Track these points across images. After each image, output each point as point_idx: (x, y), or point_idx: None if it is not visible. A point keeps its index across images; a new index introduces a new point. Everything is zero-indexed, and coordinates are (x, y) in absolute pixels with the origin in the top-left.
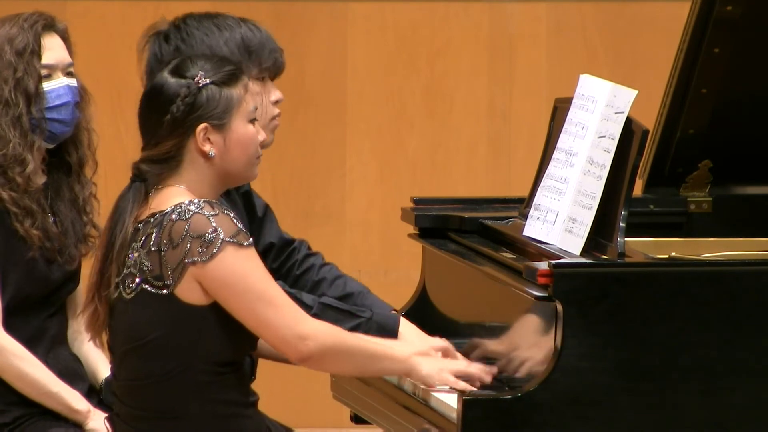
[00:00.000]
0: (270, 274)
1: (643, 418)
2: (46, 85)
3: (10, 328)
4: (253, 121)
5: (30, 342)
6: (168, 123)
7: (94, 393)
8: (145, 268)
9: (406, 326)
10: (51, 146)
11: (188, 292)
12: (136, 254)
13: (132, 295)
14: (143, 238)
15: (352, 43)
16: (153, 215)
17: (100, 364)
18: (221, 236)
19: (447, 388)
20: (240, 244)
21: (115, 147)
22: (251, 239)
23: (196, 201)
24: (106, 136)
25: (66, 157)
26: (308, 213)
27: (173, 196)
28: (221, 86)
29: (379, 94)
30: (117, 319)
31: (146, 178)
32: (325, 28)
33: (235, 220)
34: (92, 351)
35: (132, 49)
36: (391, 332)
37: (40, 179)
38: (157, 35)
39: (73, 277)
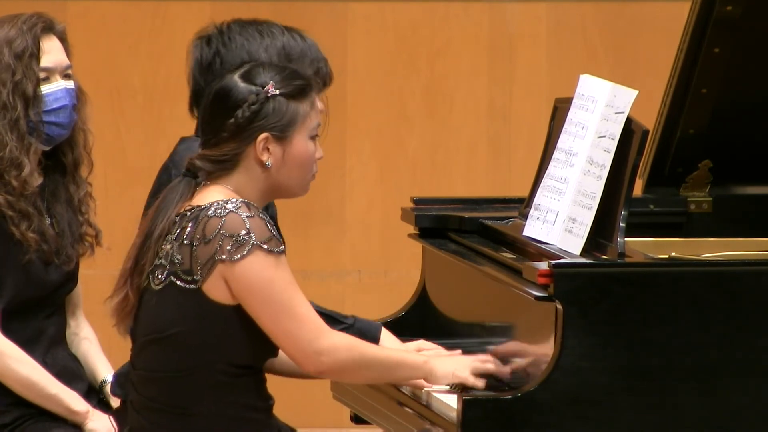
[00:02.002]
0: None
1: (643, 418)
2: (45, 88)
3: (7, 330)
4: (314, 137)
5: (28, 343)
6: (231, 127)
7: (93, 393)
8: (176, 261)
9: (387, 337)
10: (47, 148)
11: (215, 289)
12: (168, 246)
13: (160, 287)
14: (178, 230)
15: (352, 43)
16: (191, 209)
17: (99, 364)
18: (253, 239)
19: (446, 387)
20: (270, 251)
21: (115, 147)
22: (283, 247)
23: (234, 200)
24: (106, 137)
25: (62, 157)
26: (308, 213)
27: (216, 194)
28: (289, 99)
29: (379, 94)
30: (143, 308)
31: (198, 174)
32: (325, 28)
33: (269, 226)
34: (91, 350)
35: (132, 49)
36: (372, 340)
37: (37, 181)
38: (200, 39)
39: (71, 278)
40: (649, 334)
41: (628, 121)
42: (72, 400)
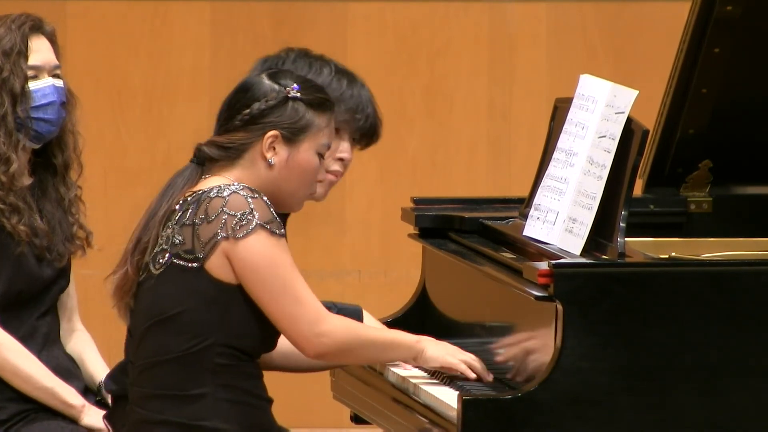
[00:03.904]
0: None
1: (643, 418)
2: (32, 85)
3: (1, 325)
4: (321, 156)
5: (22, 341)
6: (245, 116)
7: (90, 394)
8: (177, 242)
9: (369, 321)
10: (37, 146)
11: (218, 268)
12: (169, 230)
13: (161, 270)
14: (179, 214)
15: (352, 43)
16: (192, 194)
17: (96, 366)
18: (256, 218)
19: (443, 385)
20: (272, 232)
21: (115, 147)
22: (284, 231)
23: (236, 183)
24: (106, 137)
25: (51, 158)
26: (308, 213)
27: (218, 181)
28: (308, 106)
29: (379, 94)
30: (142, 297)
31: (204, 162)
32: (325, 28)
33: (271, 209)
34: (88, 353)
35: (132, 49)
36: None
37: (26, 180)
38: (262, 58)
39: (64, 275)
40: (649, 334)
41: (628, 121)
42: (68, 394)
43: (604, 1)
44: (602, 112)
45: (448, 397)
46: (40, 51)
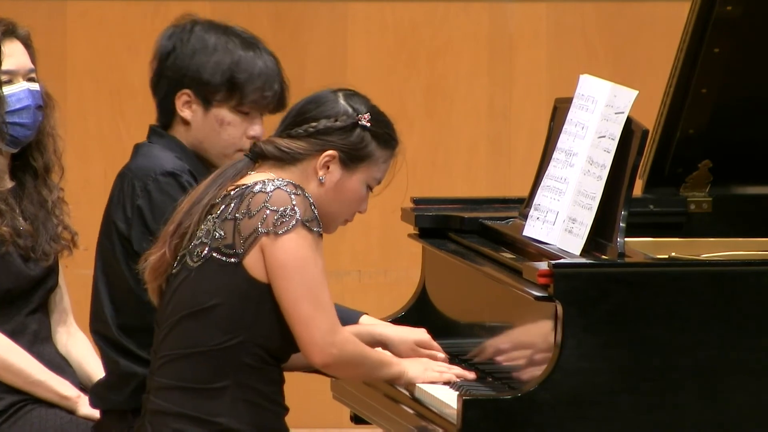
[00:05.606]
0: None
1: (643, 419)
2: (7, 90)
3: None
4: (370, 188)
5: (10, 337)
6: (310, 128)
7: (84, 392)
8: (218, 236)
9: (370, 322)
10: (14, 150)
11: (254, 264)
12: (210, 224)
13: (199, 263)
14: (221, 208)
15: (352, 43)
16: (235, 188)
17: (94, 366)
18: (298, 215)
19: (442, 385)
20: (311, 230)
21: (115, 147)
22: (321, 230)
23: (280, 179)
24: (107, 137)
25: (31, 162)
26: None
27: (263, 177)
28: (374, 138)
29: (379, 94)
30: (176, 289)
31: (258, 159)
32: (325, 28)
33: (312, 207)
34: (86, 355)
35: (132, 49)
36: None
37: (7, 183)
38: (168, 29)
39: (52, 274)
40: (650, 334)
41: (628, 122)
42: (61, 387)
43: (604, 1)
44: (602, 112)
45: (447, 397)
46: (13, 55)
